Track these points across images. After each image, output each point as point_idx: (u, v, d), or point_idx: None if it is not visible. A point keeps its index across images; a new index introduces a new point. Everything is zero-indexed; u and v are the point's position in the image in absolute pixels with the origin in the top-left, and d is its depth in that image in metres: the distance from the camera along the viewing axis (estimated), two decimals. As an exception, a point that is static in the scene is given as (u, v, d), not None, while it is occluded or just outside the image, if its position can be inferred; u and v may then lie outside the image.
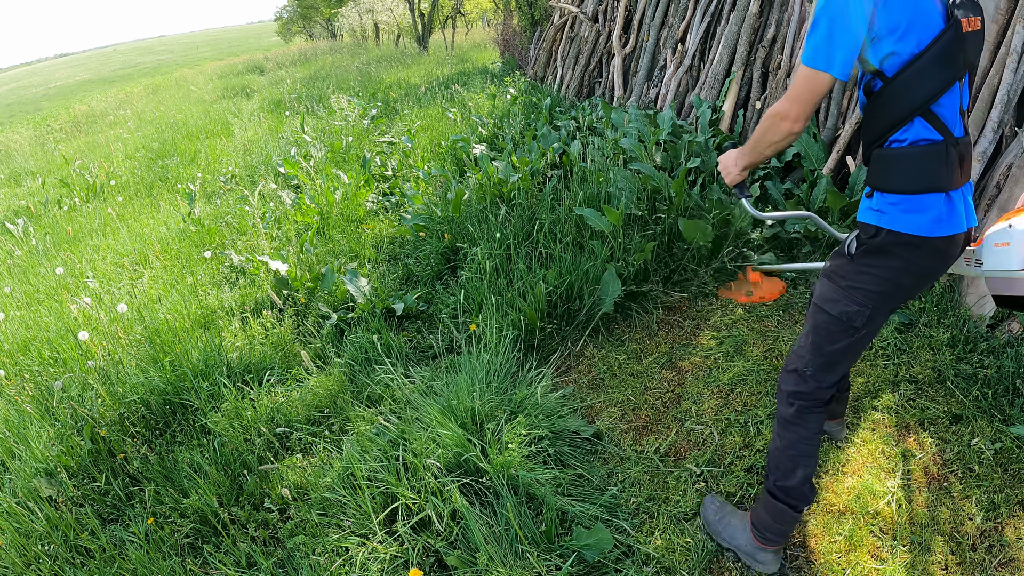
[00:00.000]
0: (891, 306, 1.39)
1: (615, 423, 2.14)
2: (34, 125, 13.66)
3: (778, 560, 1.60)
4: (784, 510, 1.52)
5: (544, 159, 4.11)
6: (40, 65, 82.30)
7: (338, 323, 2.87)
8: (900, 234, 1.29)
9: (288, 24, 28.88)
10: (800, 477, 1.50)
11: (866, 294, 1.35)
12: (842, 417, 1.94)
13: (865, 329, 1.39)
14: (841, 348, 1.43)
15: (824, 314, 1.42)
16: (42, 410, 2.45)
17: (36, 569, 1.82)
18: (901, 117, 1.26)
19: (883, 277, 1.34)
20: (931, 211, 1.27)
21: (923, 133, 1.26)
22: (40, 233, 4.99)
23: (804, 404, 1.48)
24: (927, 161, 1.26)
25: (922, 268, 1.33)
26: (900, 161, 1.28)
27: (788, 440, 1.51)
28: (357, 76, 11.11)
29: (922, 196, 1.27)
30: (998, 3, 2.53)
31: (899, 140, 1.28)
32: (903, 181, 1.28)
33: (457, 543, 1.69)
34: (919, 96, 1.23)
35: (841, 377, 1.52)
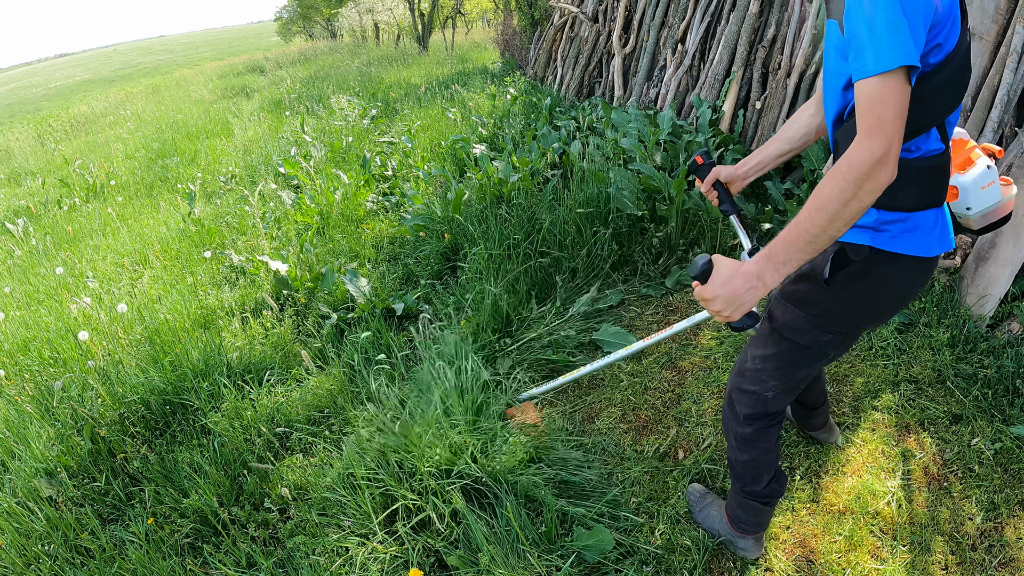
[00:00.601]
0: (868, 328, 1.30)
1: (615, 423, 2.14)
2: (34, 125, 13.66)
3: (759, 545, 1.63)
4: (755, 506, 1.53)
5: (544, 159, 4.11)
6: (40, 65, 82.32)
7: (338, 323, 2.87)
8: (894, 255, 1.14)
9: (288, 24, 28.88)
10: (765, 482, 1.50)
11: (842, 322, 1.23)
12: (827, 423, 1.90)
13: (832, 354, 1.30)
14: (807, 374, 1.35)
15: (790, 343, 1.28)
16: (42, 410, 2.45)
17: (36, 569, 1.82)
18: (924, 125, 1.05)
19: (866, 303, 1.21)
20: (934, 228, 1.14)
21: (935, 144, 1.09)
22: (40, 233, 4.98)
23: (762, 424, 1.42)
24: (936, 175, 1.10)
25: (909, 289, 1.20)
26: (910, 175, 1.08)
27: (751, 455, 1.47)
28: (357, 76, 11.11)
29: (922, 213, 1.13)
30: (998, 3, 2.53)
31: (908, 151, 1.09)
32: (909, 197, 1.10)
33: (457, 543, 1.69)
34: (947, 101, 1.05)
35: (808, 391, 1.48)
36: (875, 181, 0.91)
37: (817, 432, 1.92)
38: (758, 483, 1.50)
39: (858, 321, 1.24)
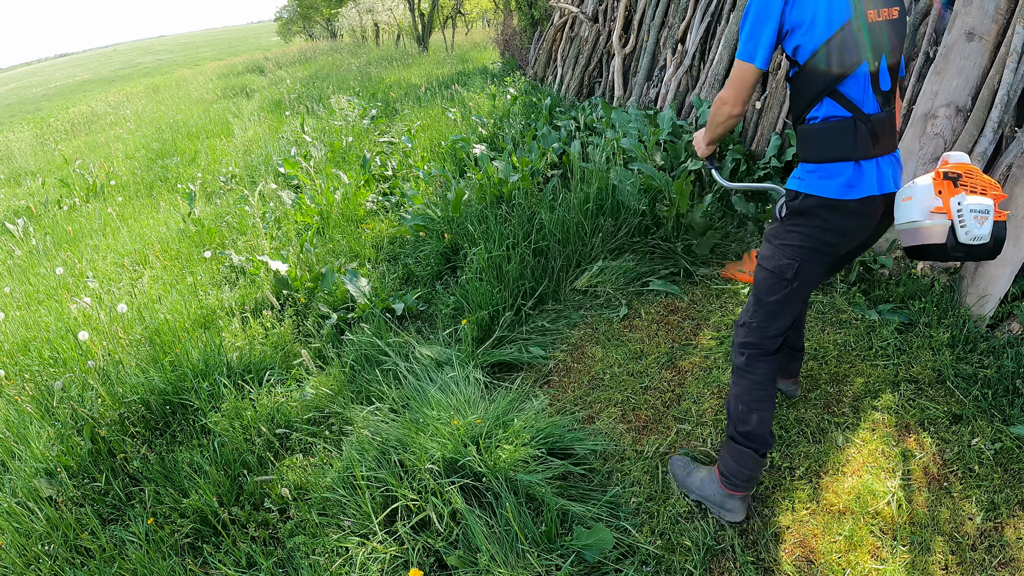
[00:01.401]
0: (820, 261, 1.55)
1: (615, 423, 2.14)
2: (34, 125, 13.65)
3: (744, 508, 1.72)
4: (747, 453, 1.65)
5: (544, 159, 4.11)
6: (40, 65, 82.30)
7: (338, 323, 2.87)
8: (817, 197, 1.47)
9: (288, 24, 28.88)
10: (756, 421, 1.64)
11: (794, 249, 1.53)
12: (796, 376, 2.12)
13: (797, 281, 1.56)
14: (779, 299, 1.60)
15: (763, 270, 1.61)
16: (42, 410, 2.45)
17: (36, 569, 1.82)
18: (812, 98, 1.45)
19: (806, 235, 1.52)
20: (840, 177, 1.44)
21: (833, 111, 1.44)
22: (40, 233, 4.98)
23: (753, 353, 1.65)
24: (836, 135, 1.44)
25: (840, 226, 1.49)
26: (814, 135, 1.48)
27: (742, 387, 1.66)
28: (357, 76, 11.11)
29: (833, 164, 1.45)
30: (998, 3, 2.53)
31: (813, 117, 1.48)
32: (817, 152, 1.47)
33: (457, 543, 1.69)
34: (824, 79, 1.41)
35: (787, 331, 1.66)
36: (719, 110, 1.57)
37: (788, 381, 2.12)
38: (748, 421, 1.65)
39: (804, 250, 1.53)
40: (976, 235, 1.36)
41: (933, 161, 2.64)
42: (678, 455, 1.95)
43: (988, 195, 1.38)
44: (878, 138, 1.45)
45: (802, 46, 1.41)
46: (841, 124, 1.44)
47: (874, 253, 2.67)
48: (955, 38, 2.62)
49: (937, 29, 2.85)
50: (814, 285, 1.64)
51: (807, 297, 1.70)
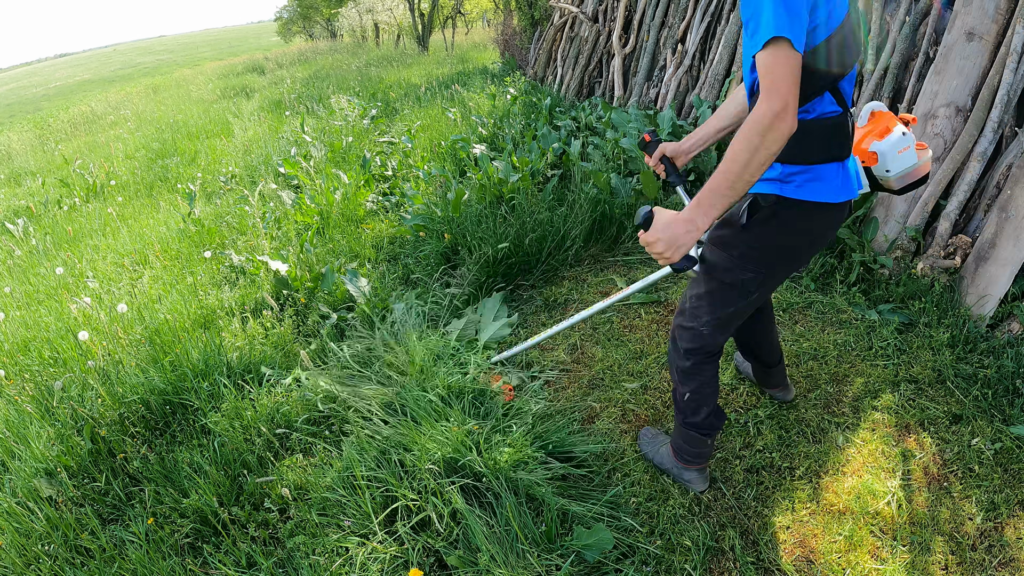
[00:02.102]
0: (789, 268, 1.46)
1: (615, 423, 2.14)
2: (34, 125, 13.66)
3: (704, 479, 1.80)
4: (695, 437, 1.71)
5: (544, 159, 4.11)
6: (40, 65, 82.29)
7: (338, 323, 2.86)
8: (800, 202, 1.32)
9: (288, 24, 28.88)
10: (704, 414, 1.66)
11: (759, 262, 1.40)
12: (783, 383, 2.06)
13: (758, 293, 1.46)
14: (735, 311, 1.50)
15: (717, 281, 1.47)
16: (42, 410, 2.45)
17: (36, 569, 1.82)
18: (815, 90, 1.24)
19: (779, 244, 1.38)
20: (833, 180, 1.32)
21: (830, 106, 1.28)
22: (40, 233, 4.98)
23: (699, 358, 1.59)
24: (833, 133, 1.29)
25: (817, 233, 1.39)
26: (808, 133, 1.27)
27: (691, 388, 1.65)
28: (357, 76, 11.11)
29: (824, 166, 1.31)
30: (998, 3, 2.53)
31: (807, 112, 1.28)
32: (809, 152, 1.30)
33: (457, 543, 1.69)
34: (832, 71, 1.22)
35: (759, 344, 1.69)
36: (776, 132, 1.08)
37: (775, 390, 2.09)
38: (697, 415, 1.67)
39: (773, 261, 1.42)
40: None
41: (934, 161, 2.64)
42: (648, 427, 2.03)
43: None
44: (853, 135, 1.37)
45: (821, 26, 1.16)
46: (838, 121, 1.29)
47: (874, 253, 2.68)
48: (955, 38, 2.62)
49: (937, 29, 2.85)
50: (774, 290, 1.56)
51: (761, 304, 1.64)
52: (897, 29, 2.97)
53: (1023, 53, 2.42)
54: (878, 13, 3.05)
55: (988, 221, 2.41)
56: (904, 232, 2.62)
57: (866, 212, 2.79)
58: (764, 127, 1.08)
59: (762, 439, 1.98)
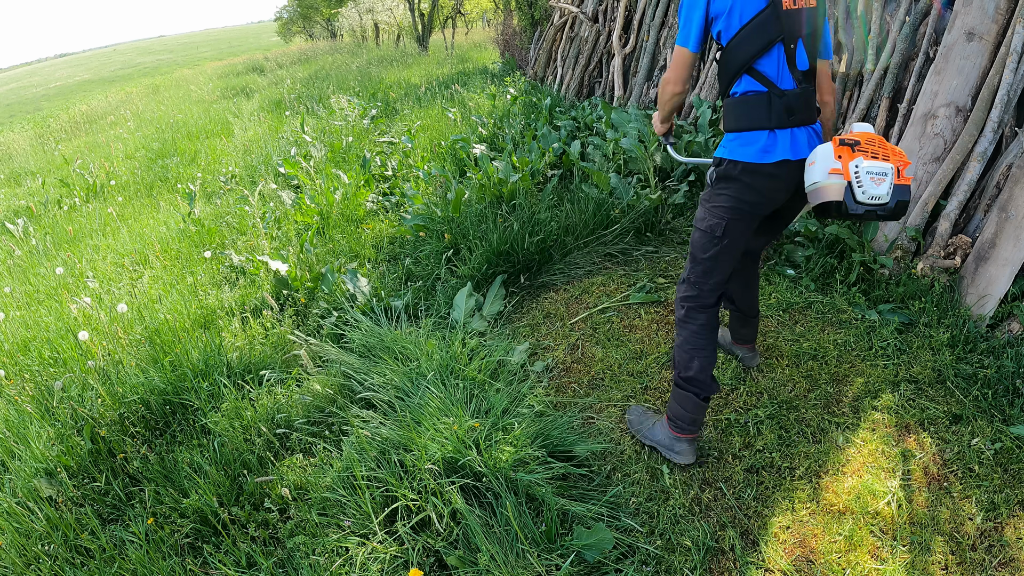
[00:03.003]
0: (745, 220, 1.72)
1: (615, 423, 2.14)
2: (34, 125, 13.66)
3: (693, 451, 1.90)
4: (689, 397, 1.83)
5: (544, 159, 4.11)
6: (40, 65, 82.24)
7: (337, 323, 2.86)
8: (737, 162, 1.67)
9: (288, 24, 28.85)
10: (697, 367, 1.81)
11: (722, 210, 1.72)
12: (752, 343, 2.26)
13: (727, 239, 1.74)
14: (712, 256, 1.77)
15: (698, 231, 1.79)
16: (42, 410, 2.45)
17: (36, 569, 1.82)
18: (733, 74, 1.66)
19: (731, 195, 1.70)
20: (757, 144, 1.64)
21: (750, 86, 1.64)
22: (40, 233, 4.98)
23: (691, 306, 1.83)
24: (753, 106, 1.64)
25: (760, 188, 1.68)
26: (734, 107, 1.68)
27: (684, 336, 1.84)
28: (357, 76, 11.11)
29: (751, 132, 1.65)
30: (998, 3, 2.53)
31: (734, 92, 1.68)
32: (737, 121, 1.67)
33: (457, 543, 1.69)
34: (742, 58, 1.61)
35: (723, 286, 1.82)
36: (665, 90, 1.82)
37: (743, 347, 2.27)
38: (690, 368, 1.81)
39: (733, 210, 1.71)
40: (873, 195, 1.53)
41: (934, 161, 2.64)
42: (636, 404, 2.17)
43: (890, 161, 1.55)
44: (793, 111, 1.63)
45: (724, 31, 1.62)
46: (757, 97, 1.64)
47: (874, 253, 2.68)
48: (955, 38, 2.62)
49: (937, 29, 2.85)
50: (743, 243, 1.80)
51: (738, 255, 1.83)
52: (897, 29, 2.97)
53: (1023, 53, 2.42)
54: (878, 13, 3.05)
55: (988, 221, 2.41)
56: (904, 232, 2.62)
57: (866, 212, 2.79)
58: (663, 84, 1.81)
59: (762, 439, 1.98)
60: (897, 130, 2.87)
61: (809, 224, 2.86)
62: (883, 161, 1.55)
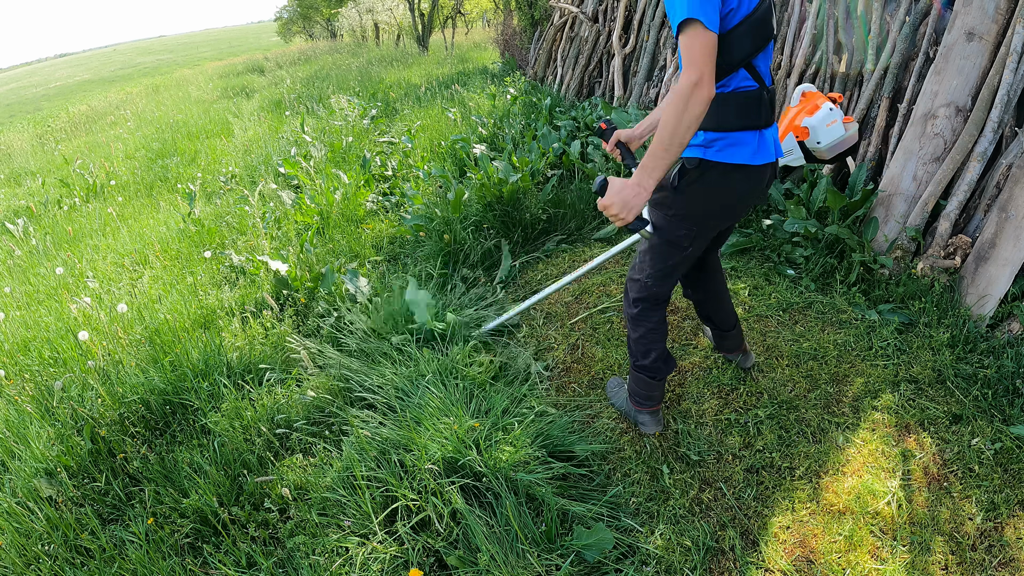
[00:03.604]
0: (716, 225, 1.64)
1: (615, 423, 2.14)
2: (34, 125, 13.66)
3: (656, 422, 2.00)
4: (644, 379, 1.91)
5: (544, 159, 4.11)
6: (40, 65, 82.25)
7: (337, 323, 2.86)
8: (723, 164, 1.50)
9: (288, 24, 28.86)
10: (652, 357, 1.86)
11: (691, 219, 1.58)
12: (740, 347, 2.20)
13: (691, 248, 1.65)
14: (673, 264, 1.70)
15: (659, 239, 1.66)
16: (42, 410, 2.45)
17: (36, 569, 1.82)
18: (729, 66, 1.43)
19: (704, 202, 1.56)
20: (750, 145, 1.50)
21: (745, 82, 1.47)
22: (40, 233, 4.98)
23: (646, 305, 1.80)
24: (748, 105, 1.48)
25: (739, 192, 1.56)
26: (725, 104, 1.47)
27: (640, 333, 1.86)
28: (357, 76, 11.11)
29: (740, 133, 1.49)
30: (998, 3, 2.53)
31: (727, 86, 1.46)
32: (727, 121, 1.48)
33: (457, 543, 1.69)
34: (743, 51, 1.41)
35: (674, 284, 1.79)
36: (696, 98, 1.27)
37: (733, 355, 2.24)
38: (646, 358, 1.87)
39: (701, 218, 1.59)
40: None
41: (934, 161, 2.64)
42: (615, 376, 2.27)
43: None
44: (772, 109, 1.55)
45: (733, 12, 1.35)
46: (752, 95, 1.48)
47: (874, 253, 2.68)
48: (955, 38, 2.62)
49: (937, 29, 2.85)
50: (704, 248, 1.74)
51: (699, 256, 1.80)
52: (897, 29, 2.97)
53: (1023, 53, 2.42)
54: (878, 13, 3.05)
55: (988, 221, 2.41)
56: (904, 232, 2.62)
57: (866, 212, 2.79)
58: (686, 96, 1.27)
59: (762, 439, 1.98)
60: (897, 130, 2.88)
61: (809, 224, 2.86)
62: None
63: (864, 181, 2.90)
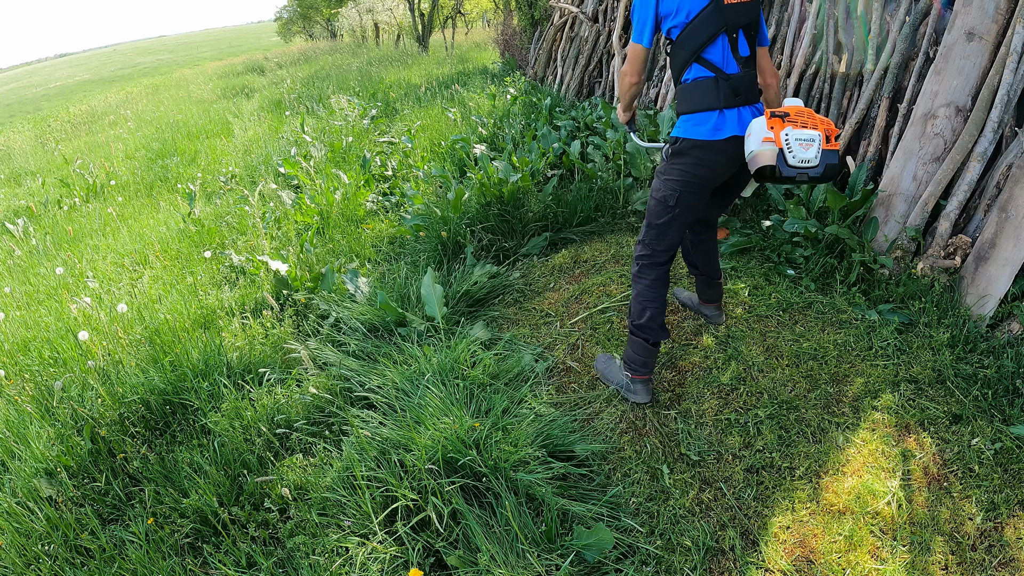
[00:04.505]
0: (695, 191, 1.96)
1: (615, 423, 2.14)
2: (34, 125, 13.66)
3: (647, 391, 2.15)
4: (640, 343, 2.10)
5: (544, 159, 4.11)
6: (40, 65, 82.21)
7: (337, 323, 2.86)
8: (690, 140, 1.90)
9: (288, 24, 28.87)
10: (648, 317, 2.07)
11: (675, 183, 1.96)
12: (718, 303, 2.50)
13: (678, 208, 1.97)
14: (665, 222, 2.01)
15: (653, 199, 2.03)
16: (42, 410, 2.45)
17: (36, 569, 1.82)
18: (682, 62, 1.89)
19: (683, 170, 1.94)
20: (708, 123, 1.87)
21: (700, 72, 1.88)
22: (40, 233, 4.98)
23: (645, 263, 2.08)
24: (703, 90, 1.87)
25: (710, 162, 1.91)
26: (687, 91, 1.92)
27: (637, 290, 2.10)
28: (357, 76, 11.11)
29: (701, 113, 1.88)
30: (998, 3, 2.53)
31: (686, 78, 1.92)
32: (689, 104, 1.90)
33: (457, 543, 1.69)
34: (690, 48, 1.85)
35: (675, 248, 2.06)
36: (623, 81, 2.06)
37: (709, 306, 2.51)
38: (642, 317, 2.08)
39: (680, 182, 1.95)
40: (803, 158, 1.77)
41: (934, 161, 2.64)
42: (604, 353, 2.41)
43: (818, 129, 1.78)
44: (738, 92, 1.86)
45: (674, 28, 1.86)
46: (706, 82, 1.86)
47: (874, 253, 2.68)
48: (955, 38, 2.62)
49: (937, 29, 2.85)
50: (694, 212, 2.03)
51: (688, 223, 2.07)
52: (897, 29, 2.97)
53: (1023, 53, 2.42)
54: (878, 13, 3.05)
55: (988, 221, 2.41)
56: (904, 232, 2.62)
57: (866, 212, 2.79)
58: (621, 77, 2.06)
59: (762, 439, 1.98)
60: (897, 130, 2.87)
61: (809, 224, 2.86)
62: (811, 129, 1.78)
63: (864, 181, 2.90)
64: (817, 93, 3.37)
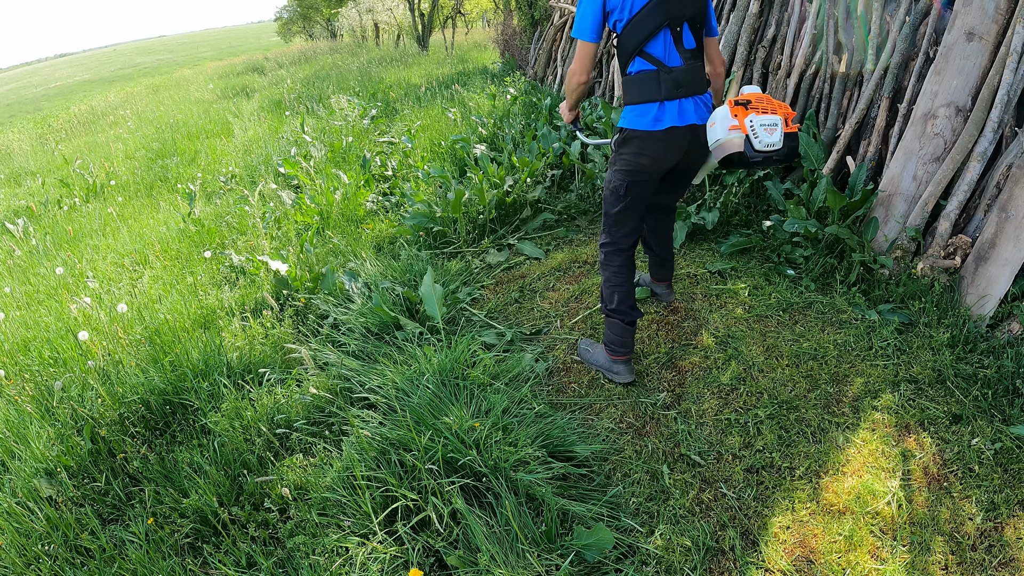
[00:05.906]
0: (643, 179, 2.04)
1: (615, 423, 2.14)
2: (34, 125, 13.66)
3: (628, 371, 2.24)
4: (617, 323, 2.19)
5: (544, 159, 4.11)
6: (40, 65, 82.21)
7: (337, 323, 2.86)
8: (633, 130, 1.98)
9: (288, 24, 28.87)
10: (617, 299, 2.18)
11: (623, 172, 2.05)
12: (668, 282, 2.63)
13: (628, 196, 2.07)
14: (619, 210, 2.11)
15: (607, 190, 2.13)
16: (42, 410, 2.45)
17: (36, 569, 1.82)
18: (627, 56, 1.95)
19: (628, 159, 2.03)
20: (649, 114, 1.94)
21: (642, 66, 1.94)
22: (40, 233, 4.98)
23: (609, 251, 2.18)
24: (645, 83, 1.93)
25: (652, 151, 1.99)
26: (630, 84, 1.98)
27: (605, 276, 2.21)
28: (357, 76, 11.11)
29: (643, 105, 1.95)
30: (998, 3, 2.53)
31: (630, 71, 1.97)
32: (632, 96, 1.97)
33: (457, 543, 1.69)
34: (633, 43, 1.91)
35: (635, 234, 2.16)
36: (570, 80, 2.07)
37: (660, 284, 2.64)
38: (612, 301, 2.19)
39: (628, 172, 2.04)
40: (768, 143, 1.83)
41: (934, 161, 2.64)
42: (585, 339, 2.50)
43: (778, 113, 1.85)
44: (680, 84, 1.91)
45: (619, 21, 1.91)
46: (647, 75, 1.92)
47: (874, 253, 2.68)
48: (955, 38, 2.62)
49: (937, 29, 2.85)
50: (645, 199, 2.11)
51: (642, 209, 2.15)
52: (897, 29, 2.97)
53: (1023, 53, 2.42)
54: (878, 13, 3.05)
55: (988, 221, 2.41)
56: (904, 232, 2.62)
57: (866, 212, 2.79)
58: (569, 76, 2.06)
59: (762, 439, 1.98)
60: (897, 130, 2.87)
61: (809, 224, 2.86)
62: (772, 114, 1.85)
63: (864, 181, 2.90)
64: (817, 93, 3.37)
